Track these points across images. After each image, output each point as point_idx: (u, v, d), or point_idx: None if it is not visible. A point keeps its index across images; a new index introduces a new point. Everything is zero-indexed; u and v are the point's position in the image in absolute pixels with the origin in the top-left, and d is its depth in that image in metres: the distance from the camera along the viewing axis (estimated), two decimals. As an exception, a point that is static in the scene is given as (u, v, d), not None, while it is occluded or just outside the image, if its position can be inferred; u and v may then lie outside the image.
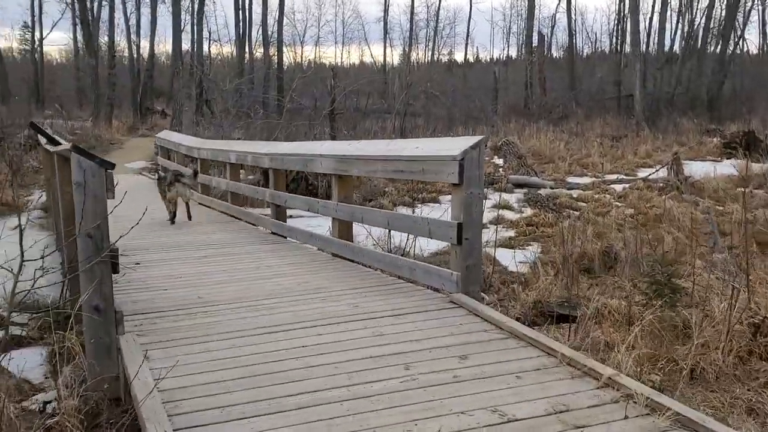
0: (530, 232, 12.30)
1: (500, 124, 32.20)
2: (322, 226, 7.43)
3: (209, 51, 42.24)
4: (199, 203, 11.17)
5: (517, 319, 6.40)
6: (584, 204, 14.85)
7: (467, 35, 58.23)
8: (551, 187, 17.15)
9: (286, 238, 7.48)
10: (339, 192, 6.21)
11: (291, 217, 12.23)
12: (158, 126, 31.84)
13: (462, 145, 4.37)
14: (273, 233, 7.88)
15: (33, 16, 40.96)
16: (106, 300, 3.65)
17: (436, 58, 54.77)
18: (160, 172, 9.93)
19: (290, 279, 5.37)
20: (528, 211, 13.95)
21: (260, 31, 37.26)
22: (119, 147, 23.47)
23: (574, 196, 15.95)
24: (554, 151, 23.18)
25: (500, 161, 24.22)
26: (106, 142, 23.43)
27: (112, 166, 3.62)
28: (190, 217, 9.04)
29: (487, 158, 25.58)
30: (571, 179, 18.67)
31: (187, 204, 9.12)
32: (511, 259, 7.71)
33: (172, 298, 4.81)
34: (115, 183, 3.71)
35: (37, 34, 42.44)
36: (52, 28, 38.59)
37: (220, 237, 7.74)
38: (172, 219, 8.78)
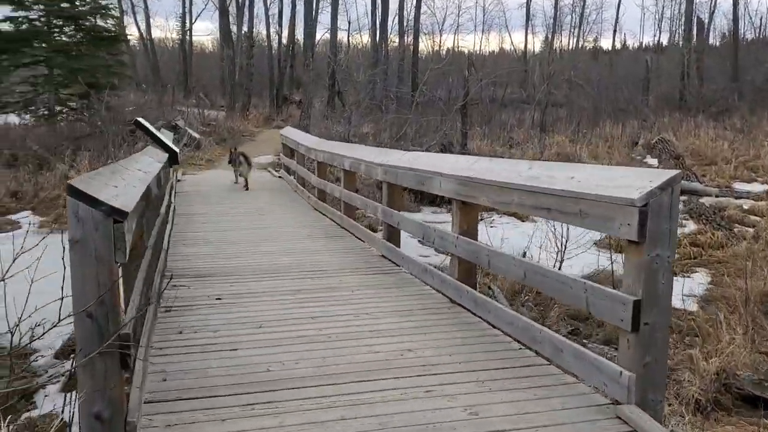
0: (695, 254, 10.32)
1: (652, 119, 29.16)
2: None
3: (348, 41, 42.12)
4: (315, 209, 10.26)
5: (697, 403, 4.81)
6: (758, 218, 12.49)
7: (616, 21, 54.23)
8: (716, 195, 14.74)
9: (398, 266, 6.25)
10: (461, 222, 4.86)
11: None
12: (293, 117, 31.88)
13: (644, 183, 2.89)
14: (383, 257, 6.69)
15: (184, 6, 42.64)
16: (113, 405, 2.58)
17: (580, 45, 51.28)
18: (232, 154, 13.13)
19: (389, 342, 4.10)
20: (690, 226, 11.83)
21: (397, 20, 36.41)
22: (251, 139, 23.42)
23: (745, 207, 13.54)
24: (716, 152, 20.33)
25: (654, 161, 21.63)
26: (239, 134, 23.46)
27: (124, 215, 2.52)
28: (247, 188, 12.44)
29: (638, 156, 22.99)
30: (738, 186, 16.07)
31: (246, 179, 12.57)
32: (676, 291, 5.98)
33: (235, 371, 3.71)
34: (127, 244, 2.61)
35: (187, 25, 44.12)
36: (195, 18, 39.92)
37: (324, 260, 6.64)
38: (246, 186, 12.51)
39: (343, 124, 19.44)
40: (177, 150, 8.74)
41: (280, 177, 14.31)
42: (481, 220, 7.80)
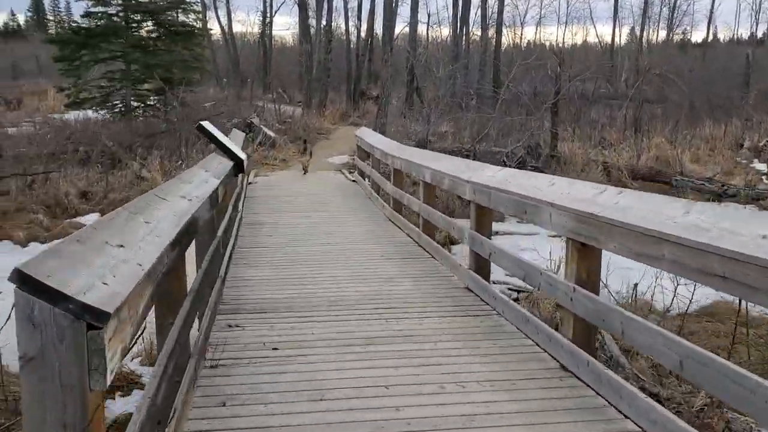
0: None
1: (756, 118, 26.70)
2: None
3: (427, 34, 41.03)
4: (389, 219, 9.36)
5: None
6: None
7: (710, 12, 50.64)
8: None
9: (487, 304, 5.25)
10: (578, 269, 3.81)
11: (497, 233, 10.05)
12: (369, 113, 31.11)
13: None
14: (469, 289, 5.69)
15: (264, 0, 42.65)
16: None
17: (670, 38, 48.17)
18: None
19: (489, 437, 3.12)
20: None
21: (479, 12, 35.04)
22: (326, 137, 22.78)
23: None
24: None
25: (762, 166, 19.61)
26: (314, 132, 22.86)
27: (103, 317, 1.64)
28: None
29: (744, 160, 20.90)
30: None
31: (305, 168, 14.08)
32: None
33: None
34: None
35: (267, 19, 44.12)
36: (275, 12, 39.69)
37: (401, 292, 5.71)
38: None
39: (422, 123, 18.45)
40: (244, 157, 7.99)
41: (353, 181, 13.50)
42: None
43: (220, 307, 5.15)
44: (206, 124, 7.82)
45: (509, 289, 7.64)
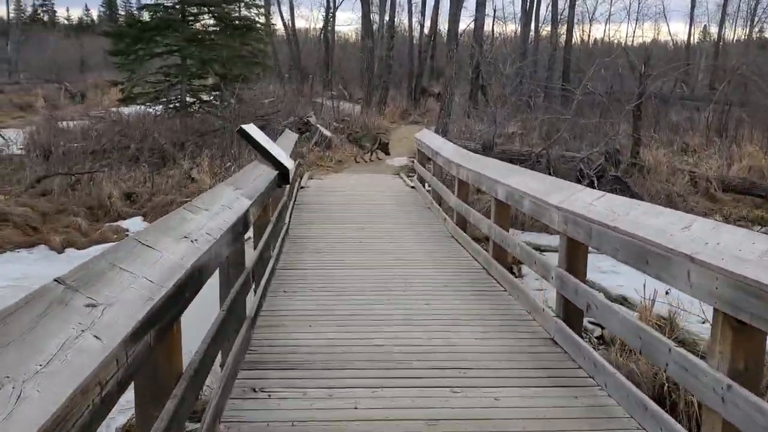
0: None
1: None
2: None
3: (493, 30, 39.52)
4: (452, 236, 8.27)
5: None
6: None
7: (799, 7, 47.04)
8: None
9: (581, 369, 4.10)
10: (733, 356, 2.66)
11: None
12: (431, 111, 29.98)
13: None
14: (555, 342, 4.55)
15: (328, -4, 41.95)
16: None
17: (750, 36, 45.03)
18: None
19: None
20: None
21: (548, 7, 33.39)
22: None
23: None
24: None
25: None
26: (373, 131, 21.87)
27: None
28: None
29: None
30: None
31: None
32: None
33: None
34: None
35: (330, 14, 43.37)
36: (337, 7, 38.74)
37: (469, 344, 4.61)
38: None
39: (487, 123, 17.23)
40: (291, 166, 7.05)
41: (413, 188, 12.43)
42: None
43: (245, 356, 4.19)
44: (249, 127, 6.89)
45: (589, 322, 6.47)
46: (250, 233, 5.41)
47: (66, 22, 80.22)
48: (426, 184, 11.48)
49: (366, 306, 5.43)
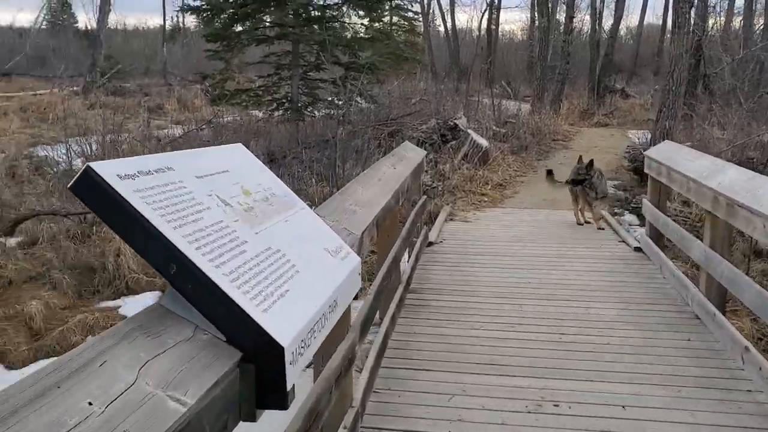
0: None
1: None
2: None
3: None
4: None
5: None
6: None
7: None
8: None
9: None
10: None
11: None
12: (620, 110, 23.70)
13: None
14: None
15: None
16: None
17: None
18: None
19: None
20: None
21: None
22: (564, 145, 16.02)
23: None
24: None
25: None
26: (548, 137, 16.27)
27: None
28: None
29: None
30: None
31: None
32: None
33: None
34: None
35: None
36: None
37: None
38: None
39: (731, 128, 11.10)
40: (355, 263, 2.16)
41: (637, 248, 6.81)
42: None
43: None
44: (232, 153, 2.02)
45: None
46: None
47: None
48: (665, 241, 6.00)
49: None
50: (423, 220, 6.82)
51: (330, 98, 14.35)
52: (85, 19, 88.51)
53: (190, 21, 48.04)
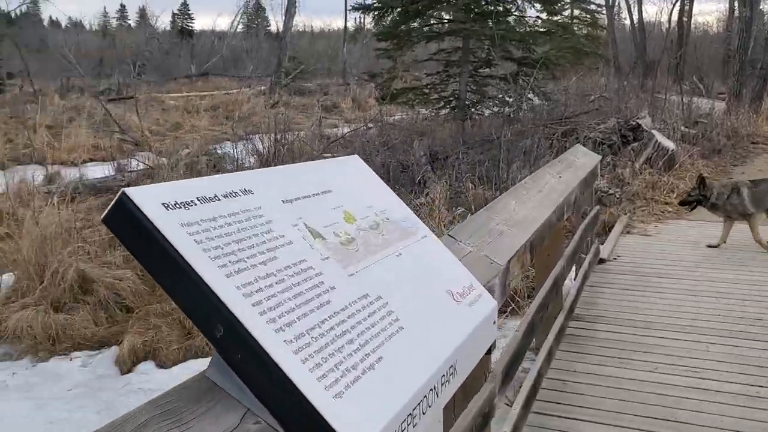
0: None
1: None
2: None
3: None
4: None
5: None
6: None
7: None
8: None
9: None
10: None
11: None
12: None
13: None
14: None
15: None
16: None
17: None
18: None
19: None
20: None
21: None
22: (765, 149, 14.02)
23: None
24: None
25: None
26: (746, 139, 14.37)
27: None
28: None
29: None
30: None
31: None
32: None
33: None
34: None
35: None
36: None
37: None
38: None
39: None
40: (495, 300, 1.73)
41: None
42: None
43: None
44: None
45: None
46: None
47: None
48: None
49: None
50: (594, 233, 6.07)
51: (500, 95, 13.73)
52: (275, 22, 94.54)
53: (369, 21, 49.39)
